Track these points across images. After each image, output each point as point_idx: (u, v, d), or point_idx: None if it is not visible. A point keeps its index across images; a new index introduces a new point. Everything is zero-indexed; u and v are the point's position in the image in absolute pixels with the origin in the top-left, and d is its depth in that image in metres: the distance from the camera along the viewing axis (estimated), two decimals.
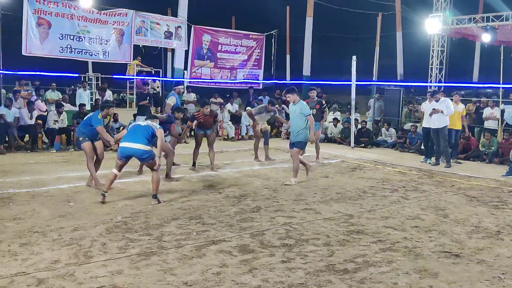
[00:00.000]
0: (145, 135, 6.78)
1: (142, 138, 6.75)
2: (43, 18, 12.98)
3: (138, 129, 6.90)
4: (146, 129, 6.87)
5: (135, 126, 7.04)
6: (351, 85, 13.76)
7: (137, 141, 6.73)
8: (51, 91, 14.12)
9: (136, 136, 6.79)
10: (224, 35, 17.30)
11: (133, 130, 6.96)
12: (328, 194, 7.63)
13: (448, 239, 5.47)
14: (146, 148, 6.73)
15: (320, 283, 4.11)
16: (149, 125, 6.96)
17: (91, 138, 7.70)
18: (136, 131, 6.88)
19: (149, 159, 6.80)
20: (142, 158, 6.85)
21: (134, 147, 6.72)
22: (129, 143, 6.76)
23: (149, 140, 6.81)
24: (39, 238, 5.11)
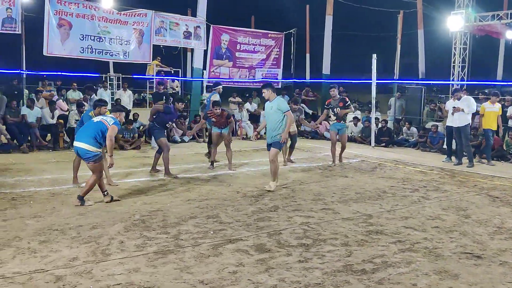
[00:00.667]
0: (92, 134, 6.43)
1: (87, 137, 6.43)
2: (64, 19, 13.17)
3: (88, 127, 6.62)
4: (96, 126, 6.52)
5: (88, 123, 6.75)
6: (371, 83, 13.61)
7: (82, 140, 6.47)
8: (72, 91, 14.31)
9: (82, 134, 6.53)
10: (242, 34, 17.29)
11: (84, 126, 6.75)
12: (347, 194, 7.55)
13: (470, 240, 5.34)
14: (89, 148, 6.39)
15: (337, 284, 4.06)
16: (101, 121, 6.57)
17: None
18: (85, 129, 6.63)
19: (90, 161, 6.42)
20: (84, 158, 6.50)
21: (78, 145, 6.48)
22: (76, 142, 6.55)
23: (97, 139, 6.44)
24: (58, 236, 5.17)
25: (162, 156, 8.68)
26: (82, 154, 6.49)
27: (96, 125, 6.55)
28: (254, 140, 13.09)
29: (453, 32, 14.06)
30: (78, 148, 6.51)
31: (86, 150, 6.41)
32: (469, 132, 10.75)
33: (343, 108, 10.13)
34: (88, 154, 6.42)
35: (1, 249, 4.73)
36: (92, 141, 6.43)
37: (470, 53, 14.35)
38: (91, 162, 6.44)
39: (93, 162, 6.44)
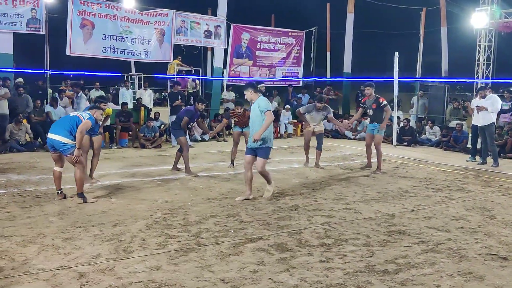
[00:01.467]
0: (66, 126, 6.48)
1: (61, 130, 6.46)
2: (87, 19, 13.33)
3: (63, 120, 6.69)
4: (71, 119, 6.57)
5: (64, 117, 6.88)
6: (393, 82, 13.45)
7: (56, 132, 6.47)
8: (95, 90, 14.51)
9: (57, 127, 6.56)
10: (263, 33, 17.25)
11: (59, 120, 6.84)
12: (369, 194, 7.47)
13: (495, 241, 5.23)
14: (64, 140, 6.41)
15: (359, 284, 4.01)
16: (77, 115, 6.64)
17: (89, 132, 7.62)
18: (60, 122, 6.69)
19: (67, 152, 6.45)
20: (60, 150, 6.49)
21: (53, 137, 6.47)
22: (50, 134, 6.55)
23: (70, 132, 6.45)
24: (81, 233, 5.23)
25: (182, 155, 8.74)
26: (58, 146, 6.46)
27: (72, 119, 6.62)
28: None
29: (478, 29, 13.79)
30: (53, 140, 6.46)
31: (62, 142, 6.42)
32: (493, 131, 10.53)
33: (376, 111, 9.46)
34: (64, 146, 6.44)
35: (26, 245, 4.81)
36: (67, 133, 6.44)
37: (495, 50, 14.05)
38: (69, 154, 6.45)
39: (71, 154, 6.45)
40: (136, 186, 7.71)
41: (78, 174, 6.55)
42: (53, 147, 6.53)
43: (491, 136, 10.36)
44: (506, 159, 11.13)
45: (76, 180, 6.61)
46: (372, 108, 9.50)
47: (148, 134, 12.54)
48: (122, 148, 12.33)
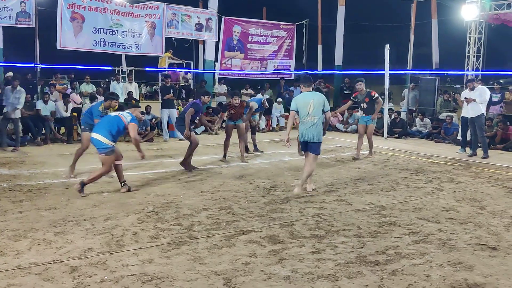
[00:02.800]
0: (108, 127, 6.63)
1: (103, 130, 6.61)
2: (77, 13, 13.23)
3: (105, 120, 6.83)
4: (113, 120, 6.72)
5: (106, 117, 6.96)
6: (384, 74, 13.49)
7: (98, 132, 6.64)
8: (86, 84, 14.41)
9: (99, 127, 6.73)
10: (254, 25, 17.21)
11: (101, 120, 6.93)
12: (360, 185, 7.52)
13: (485, 232, 5.29)
14: (104, 140, 6.56)
15: (350, 275, 4.05)
16: (119, 116, 6.76)
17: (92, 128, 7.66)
18: (102, 122, 6.83)
19: (102, 152, 6.59)
20: (98, 148, 6.66)
21: (94, 136, 6.64)
22: (93, 133, 6.73)
23: (111, 133, 6.60)
24: (73, 227, 5.23)
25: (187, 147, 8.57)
26: (96, 145, 6.64)
27: (114, 119, 6.74)
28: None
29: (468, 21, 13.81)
30: (93, 139, 6.67)
31: (101, 141, 6.58)
32: (483, 123, 10.61)
33: (369, 104, 9.95)
34: (102, 145, 6.59)
35: (18, 240, 4.80)
36: (107, 133, 6.59)
37: (485, 42, 14.10)
38: (103, 153, 6.62)
39: (105, 154, 6.62)
40: (127, 180, 7.68)
41: (100, 171, 6.71)
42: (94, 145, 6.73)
43: (481, 127, 10.44)
44: (495, 151, 11.22)
45: (93, 173, 6.79)
46: (365, 101, 10.03)
47: (139, 128, 12.48)
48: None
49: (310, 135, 6.82)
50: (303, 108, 6.84)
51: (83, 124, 7.95)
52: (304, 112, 6.84)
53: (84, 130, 7.83)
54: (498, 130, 11.87)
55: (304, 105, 6.86)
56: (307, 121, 6.83)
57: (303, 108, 6.84)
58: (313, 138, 6.83)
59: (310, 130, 6.80)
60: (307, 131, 6.81)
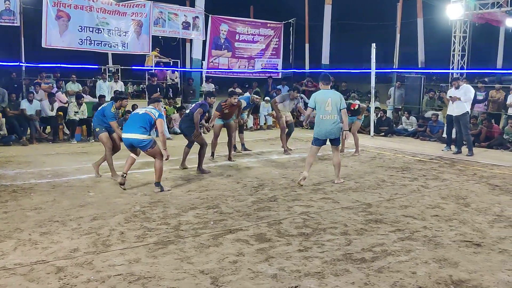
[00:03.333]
0: (140, 123, 6.77)
1: (137, 128, 6.75)
2: (62, 11, 13.09)
3: (135, 118, 6.91)
4: (142, 117, 6.84)
5: (133, 115, 7.03)
6: (370, 73, 13.58)
7: (133, 131, 6.77)
8: (71, 83, 14.29)
9: (132, 126, 6.82)
10: (241, 24, 17.20)
11: (130, 119, 6.98)
12: (347, 183, 7.56)
13: (469, 228, 5.37)
14: (142, 137, 6.72)
15: (337, 272, 4.08)
16: (147, 113, 6.89)
17: (108, 128, 7.73)
18: (132, 120, 6.90)
19: (148, 147, 6.77)
20: (140, 146, 6.82)
21: (131, 136, 6.77)
22: (126, 134, 6.84)
23: (146, 128, 6.79)
24: (59, 227, 5.19)
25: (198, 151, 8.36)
26: (137, 143, 6.78)
27: (143, 116, 6.85)
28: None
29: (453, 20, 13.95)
30: (131, 139, 6.78)
31: (140, 139, 6.73)
32: (468, 121, 10.75)
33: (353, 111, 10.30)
34: (143, 142, 6.74)
35: (3, 240, 4.75)
36: (143, 130, 6.76)
37: (470, 41, 14.25)
38: (149, 148, 6.78)
39: (151, 148, 6.79)
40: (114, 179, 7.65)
41: (158, 165, 6.82)
42: (132, 145, 6.88)
43: (466, 125, 10.57)
44: (480, 148, 11.37)
45: (156, 170, 6.85)
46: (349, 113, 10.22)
47: None
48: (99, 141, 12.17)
49: (332, 133, 7.40)
50: (321, 105, 7.37)
51: (96, 126, 7.85)
52: (322, 109, 7.37)
53: (101, 131, 7.76)
54: (482, 128, 12.03)
55: (322, 102, 7.37)
56: (327, 119, 7.36)
57: (321, 105, 7.37)
58: (335, 135, 7.44)
59: (332, 128, 7.37)
60: (329, 129, 7.37)
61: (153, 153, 6.84)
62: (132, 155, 7.08)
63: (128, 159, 7.08)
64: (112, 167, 7.75)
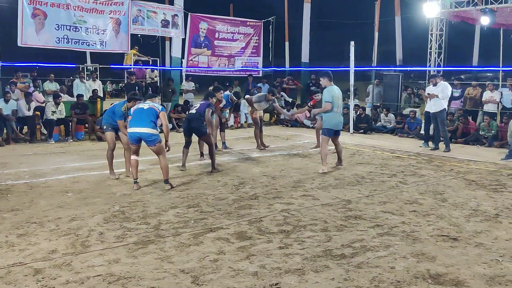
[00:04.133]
0: (150, 118, 6.87)
1: (147, 122, 6.83)
2: (38, 9, 12.86)
3: (142, 113, 6.94)
4: (149, 112, 6.93)
5: (139, 110, 7.02)
6: (349, 71, 13.69)
7: (143, 125, 6.82)
8: (49, 82, 14.07)
9: (141, 120, 6.86)
10: (221, 22, 17.15)
11: (137, 114, 6.98)
12: (327, 180, 7.62)
13: (446, 223, 5.46)
14: (152, 131, 6.82)
15: (317, 268, 4.11)
16: (152, 108, 6.98)
17: (115, 128, 7.71)
18: (140, 115, 6.92)
19: (155, 142, 6.86)
20: (148, 141, 6.88)
21: (141, 131, 6.82)
22: (135, 128, 6.86)
23: (155, 122, 6.91)
24: (37, 229, 5.12)
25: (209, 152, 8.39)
26: (146, 138, 6.83)
27: (150, 111, 6.94)
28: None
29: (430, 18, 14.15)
30: (142, 133, 6.82)
31: (150, 133, 6.80)
32: (445, 117, 10.93)
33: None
34: (152, 137, 6.82)
35: None
36: (152, 125, 6.85)
37: (446, 39, 14.48)
38: (157, 143, 6.87)
39: (158, 143, 6.89)
40: (93, 179, 7.59)
41: (164, 162, 6.97)
42: (139, 140, 6.92)
43: (443, 122, 10.75)
44: (457, 144, 11.57)
45: (162, 169, 7.00)
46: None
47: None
48: (78, 141, 12.06)
49: (341, 124, 8.61)
50: (337, 100, 8.31)
51: (105, 125, 7.81)
52: (337, 104, 8.29)
53: (107, 130, 7.74)
54: (459, 124, 12.24)
55: (337, 97, 8.32)
56: (339, 112, 8.41)
57: (337, 100, 8.31)
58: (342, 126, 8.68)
59: (342, 120, 8.63)
60: (341, 120, 8.55)
61: (159, 149, 6.92)
62: (133, 157, 7.07)
63: (132, 164, 7.08)
64: (111, 165, 7.73)
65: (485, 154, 10.34)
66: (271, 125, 16.05)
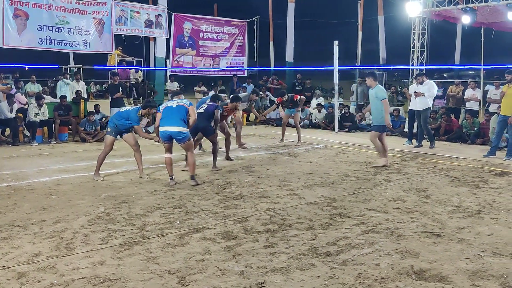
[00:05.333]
0: (180, 116, 7.05)
1: (178, 120, 7.01)
2: (20, 9, 12.73)
3: (172, 111, 7.07)
4: (179, 109, 7.10)
5: (168, 108, 7.15)
6: (334, 70, 13.77)
7: (174, 124, 6.99)
8: (31, 84, 13.91)
9: (172, 119, 7.02)
10: (205, 22, 17.14)
11: (168, 112, 7.10)
12: (312, 179, 7.66)
13: (430, 220, 5.53)
14: (182, 129, 7.00)
15: (302, 267, 4.14)
16: (181, 105, 7.17)
17: (120, 132, 7.73)
18: (171, 114, 7.06)
19: (185, 140, 7.06)
20: (178, 139, 7.05)
21: (171, 129, 6.96)
22: (166, 127, 7.00)
23: (184, 120, 7.09)
24: (20, 232, 5.06)
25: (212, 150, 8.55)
26: (177, 136, 7.02)
27: (180, 108, 7.14)
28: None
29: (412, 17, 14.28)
30: (172, 132, 7.00)
31: (180, 131, 6.99)
32: (428, 116, 11.11)
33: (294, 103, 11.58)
34: (182, 134, 7.02)
35: None
36: (182, 123, 7.04)
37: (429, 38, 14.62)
38: (186, 141, 7.10)
39: (188, 141, 7.12)
40: (77, 181, 7.52)
41: (191, 159, 7.20)
42: (170, 138, 7.10)
43: (425, 120, 10.93)
44: (440, 142, 11.71)
45: (189, 164, 7.21)
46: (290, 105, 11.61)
47: (88, 127, 12.20)
48: (62, 143, 11.95)
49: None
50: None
51: (110, 126, 7.76)
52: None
53: (110, 133, 7.72)
54: (442, 122, 12.39)
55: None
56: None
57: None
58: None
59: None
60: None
61: (188, 145, 7.17)
62: (167, 156, 7.22)
63: (167, 162, 7.24)
64: (99, 167, 7.70)
65: (468, 151, 10.49)
66: (256, 124, 16.07)
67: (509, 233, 5.09)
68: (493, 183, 7.46)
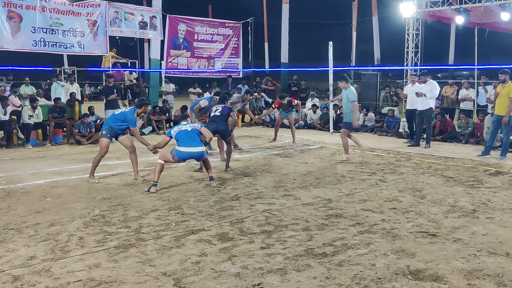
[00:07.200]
0: (198, 138, 7.24)
1: (199, 142, 7.19)
2: (13, 11, 12.64)
3: (191, 134, 7.18)
4: (195, 132, 7.24)
5: (184, 132, 7.19)
6: (328, 71, 13.79)
7: (197, 145, 7.14)
8: (25, 86, 13.83)
9: (194, 141, 7.15)
10: (199, 24, 17.12)
11: (186, 135, 7.15)
12: (307, 180, 7.67)
13: (425, 220, 5.54)
14: (203, 149, 7.25)
15: (299, 268, 4.14)
16: (194, 128, 7.32)
17: (115, 135, 7.71)
18: (190, 137, 7.16)
19: (205, 156, 7.34)
20: (200, 157, 7.28)
21: (196, 150, 7.10)
22: (191, 148, 7.08)
23: (201, 141, 7.30)
24: (15, 235, 5.03)
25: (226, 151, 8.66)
26: (200, 155, 7.24)
27: (195, 132, 7.26)
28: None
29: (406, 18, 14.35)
30: (197, 152, 7.14)
31: (203, 151, 7.21)
32: (431, 116, 11.17)
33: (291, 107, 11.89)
34: (204, 153, 7.26)
35: None
36: (202, 144, 7.23)
37: (423, 38, 14.69)
38: (205, 156, 7.38)
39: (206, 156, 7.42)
40: (72, 184, 7.49)
41: (208, 164, 7.42)
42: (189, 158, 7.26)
43: (429, 120, 11.02)
44: (435, 142, 11.74)
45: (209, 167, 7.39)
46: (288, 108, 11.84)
47: (83, 130, 12.15)
48: (56, 145, 11.90)
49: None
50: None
51: (105, 129, 7.72)
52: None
53: (105, 136, 7.68)
54: (436, 122, 12.43)
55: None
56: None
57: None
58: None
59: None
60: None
61: (206, 159, 7.42)
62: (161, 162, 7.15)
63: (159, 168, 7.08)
64: (94, 170, 7.66)
65: (462, 151, 10.53)
66: (251, 125, 16.06)
67: (504, 232, 5.11)
68: (488, 182, 7.49)
